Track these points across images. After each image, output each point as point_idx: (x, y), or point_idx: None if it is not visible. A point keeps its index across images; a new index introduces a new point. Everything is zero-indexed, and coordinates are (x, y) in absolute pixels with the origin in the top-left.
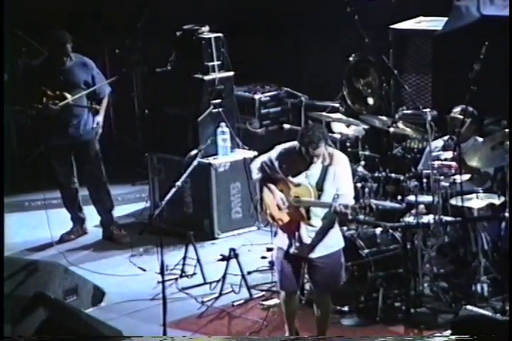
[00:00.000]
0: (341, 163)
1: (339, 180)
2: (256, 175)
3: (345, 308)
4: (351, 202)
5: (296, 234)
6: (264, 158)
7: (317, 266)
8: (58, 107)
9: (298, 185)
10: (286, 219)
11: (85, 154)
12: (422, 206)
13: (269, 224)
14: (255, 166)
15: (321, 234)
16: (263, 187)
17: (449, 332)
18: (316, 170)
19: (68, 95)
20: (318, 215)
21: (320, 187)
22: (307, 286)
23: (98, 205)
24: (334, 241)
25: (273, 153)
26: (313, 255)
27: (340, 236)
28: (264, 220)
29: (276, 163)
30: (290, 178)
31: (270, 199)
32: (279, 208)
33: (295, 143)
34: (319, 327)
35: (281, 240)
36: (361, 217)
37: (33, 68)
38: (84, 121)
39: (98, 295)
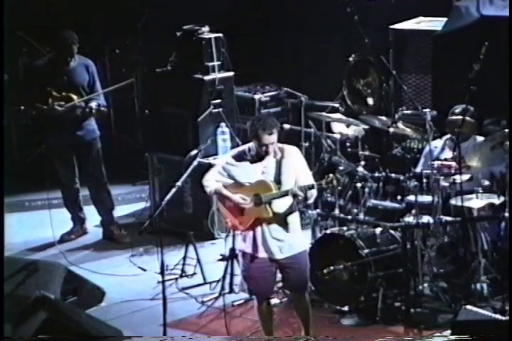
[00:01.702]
0: (293, 154)
1: (295, 171)
2: (209, 188)
3: (345, 308)
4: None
5: (260, 235)
6: (215, 169)
7: (285, 267)
8: (64, 108)
9: (255, 183)
10: (247, 221)
11: (87, 154)
12: None
13: (228, 233)
14: (207, 180)
15: (286, 233)
16: (217, 198)
17: (448, 332)
18: (270, 165)
19: (74, 96)
20: (280, 210)
21: (278, 180)
22: None
23: (99, 205)
24: (298, 242)
25: (224, 160)
26: (280, 256)
27: (304, 238)
28: (223, 230)
29: (229, 168)
30: (245, 179)
31: (227, 206)
32: (240, 211)
33: (245, 145)
34: (304, 327)
35: (246, 245)
36: (361, 216)
37: (37, 68)
38: (87, 122)
39: (98, 295)
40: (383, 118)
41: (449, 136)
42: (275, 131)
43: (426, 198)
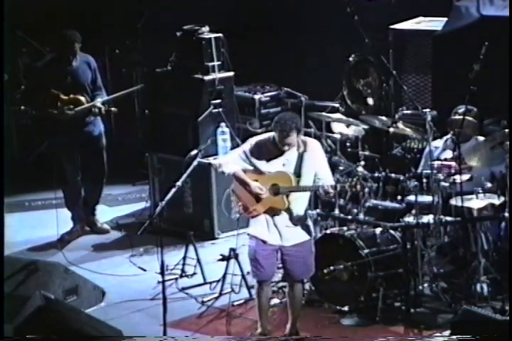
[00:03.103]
0: (315, 148)
1: (316, 165)
2: (228, 169)
3: (345, 308)
4: (333, 183)
5: (272, 222)
6: (236, 152)
7: (291, 255)
8: (74, 112)
9: (275, 173)
10: (261, 209)
11: (94, 148)
12: None
13: (240, 216)
14: (226, 162)
15: (296, 222)
16: (235, 180)
17: (448, 332)
18: (292, 157)
19: (82, 98)
20: (296, 203)
21: (298, 173)
22: (307, 286)
23: (88, 195)
24: (305, 230)
25: (246, 146)
26: (287, 243)
27: (311, 226)
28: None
29: (250, 155)
30: (265, 168)
31: (243, 190)
32: (256, 198)
33: (269, 134)
34: (292, 321)
35: (256, 229)
36: (361, 216)
37: (40, 70)
38: (92, 117)
39: (98, 295)
40: (383, 118)
41: (449, 136)
42: (292, 134)
43: (426, 198)
